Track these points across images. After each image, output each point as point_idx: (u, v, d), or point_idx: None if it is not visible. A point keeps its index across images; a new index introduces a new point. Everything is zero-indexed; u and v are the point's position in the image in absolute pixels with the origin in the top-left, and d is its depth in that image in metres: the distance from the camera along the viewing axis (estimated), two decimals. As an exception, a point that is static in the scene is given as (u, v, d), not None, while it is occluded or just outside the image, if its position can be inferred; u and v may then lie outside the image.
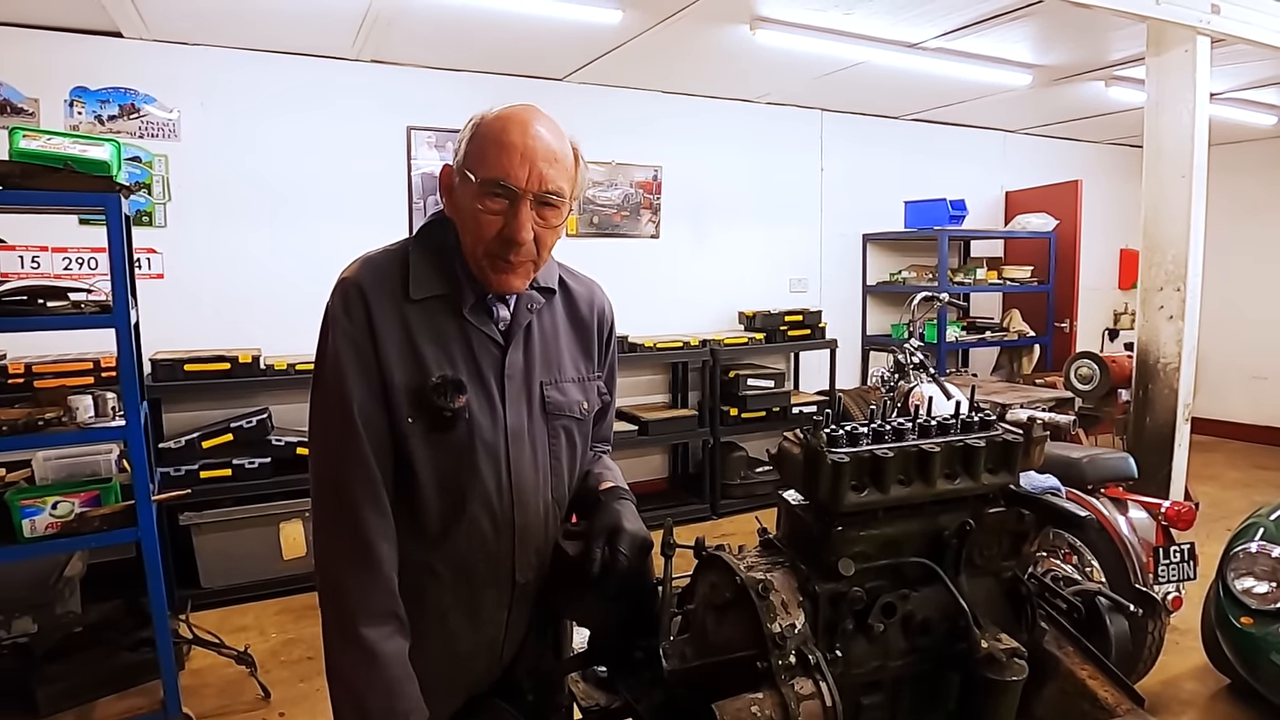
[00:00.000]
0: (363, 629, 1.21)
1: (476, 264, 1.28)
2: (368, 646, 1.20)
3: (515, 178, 1.21)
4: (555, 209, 1.27)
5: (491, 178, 1.22)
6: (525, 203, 1.23)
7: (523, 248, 1.25)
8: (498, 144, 1.22)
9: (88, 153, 2.63)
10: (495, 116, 1.25)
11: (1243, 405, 7.58)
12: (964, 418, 1.14)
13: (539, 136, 1.23)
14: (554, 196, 1.25)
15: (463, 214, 1.28)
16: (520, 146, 1.22)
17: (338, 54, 4.62)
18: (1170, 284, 3.85)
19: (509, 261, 1.26)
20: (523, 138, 1.22)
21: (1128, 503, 3.14)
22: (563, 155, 1.26)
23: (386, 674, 1.21)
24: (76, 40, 4.08)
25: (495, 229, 1.24)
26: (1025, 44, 4.66)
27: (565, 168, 1.27)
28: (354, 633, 1.21)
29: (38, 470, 2.97)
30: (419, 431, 1.26)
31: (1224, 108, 5.94)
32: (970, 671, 1.05)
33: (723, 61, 4.91)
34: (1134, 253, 5.12)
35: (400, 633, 1.24)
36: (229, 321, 4.47)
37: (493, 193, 1.23)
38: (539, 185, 1.23)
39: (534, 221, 1.25)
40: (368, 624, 1.21)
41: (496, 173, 1.22)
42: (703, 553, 1.16)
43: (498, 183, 1.22)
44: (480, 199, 1.23)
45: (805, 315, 5.81)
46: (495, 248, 1.25)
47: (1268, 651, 2.76)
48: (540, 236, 1.27)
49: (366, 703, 1.20)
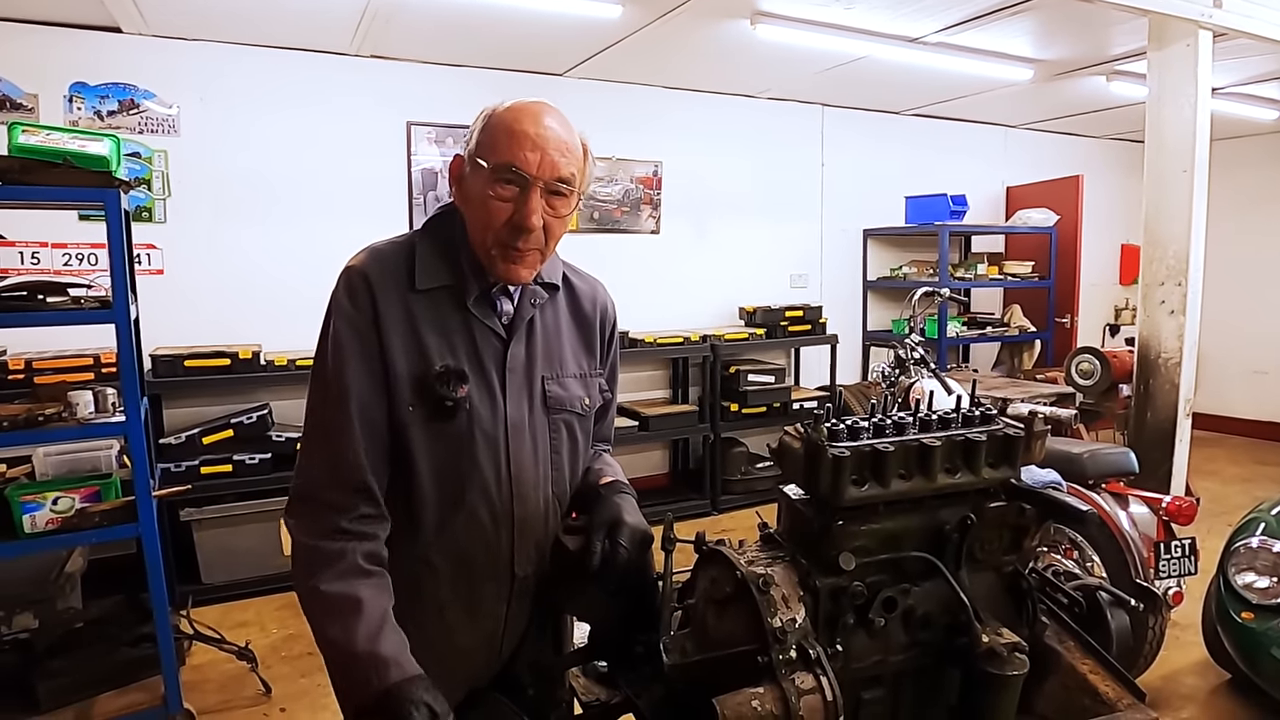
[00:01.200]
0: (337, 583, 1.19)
1: (485, 253, 1.29)
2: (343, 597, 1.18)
3: (527, 164, 1.23)
4: (565, 198, 1.28)
5: (504, 163, 1.23)
6: (536, 190, 1.24)
7: (532, 235, 1.25)
8: (510, 132, 1.24)
9: (87, 148, 2.63)
10: (508, 107, 1.27)
11: (1244, 400, 7.57)
12: (965, 412, 1.13)
13: (551, 127, 1.25)
14: (564, 185, 1.26)
15: (473, 202, 1.29)
16: (533, 135, 1.23)
17: (337, 49, 4.62)
18: (1171, 279, 3.84)
19: (518, 249, 1.26)
20: (535, 127, 1.24)
21: (1129, 498, 3.14)
22: (573, 146, 1.28)
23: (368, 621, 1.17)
24: (76, 35, 4.08)
25: (506, 216, 1.25)
26: (1026, 38, 4.65)
27: (575, 158, 1.28)
28: (326, 590, 1.19)
29: (38, 466, 2.98)
30: (419, 420, 1.26)
31: (1225, 103, 5.92)
32: (971, 666, 1.04)
33: (723, 56, 4.90)
34: (1135, 248, 5.11)
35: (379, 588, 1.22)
36: (229, 317, 4.47)
37: (504, 179, 1.24)
38: (550, 173, 1.24)
39: (544, 210, 1.26)
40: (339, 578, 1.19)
41: (508, 158, 1.23)
42: (703, 547, 1.15)
43: (510, 168, 1.23)
44: (491, 185, 1.25)
45: (806, 311, 5.81)
46: (505, 235, 1.26)
47: (1268, 646, 2.76)
48: (549, 226, 1.28)
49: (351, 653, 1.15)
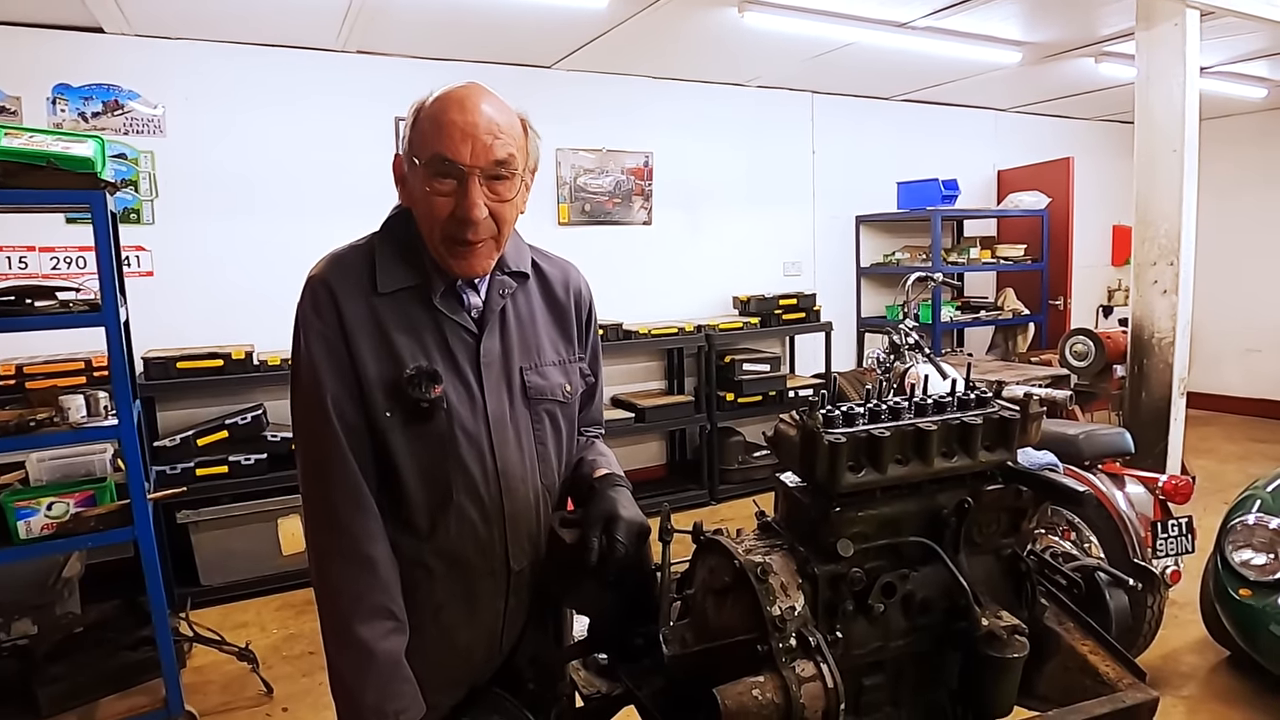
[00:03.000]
0: (356, 627, 1.21)
1: (437, 250, 1.26)
2: (361, 645, 1.20)
3: (459, 154, 1.20)
4: (506, 180, 1.24)
5: (435, 156, 1.20)
6: (474, 179, 1.21)
7: (478, 225, 1.22)
8: (436, 124, 1.21)
9: (70, 150, 2.60)
10: (435, 99, 1.24)
11: (1237, 378, 7.60)
12: (960, 396, 1.13)
13: (479, 111, 1.21)
14: (502, 168, 1.23)
15: (416, 201, 1.26)
16: (460, 123, 1.20)
17: (323, 45, 4.58)
18: (1163, 258, 3.85)
19: (467, 242, 1.24)
20: (461, 114, 1.21)
21: (1125, 478, 3.14)
22: (507, 126, 1.24)
23: (380, 673, 1.21)
24: (58, 37, 4.03)
25: (448, 210, 1.22)
26: (1014, 21, 4.64)
27: (512, 137, 1.24)
28: (347, 631, 1.21)
29: (32, 471, 2.96)
30: (397, 425, 1.25)
31: (1214, 81, 5.92)
32: (971, 650, 1.04)
33: (712, 45, 4.88)
34: (1126, 229, 5.12)
35: (397, 630, 1.24)
36: (221, 318, 4.44)
37: (439, 173, 1.21)
38: (485, 158, 1.21)
39: (486, 197, 1.22)
40: (361, 622, 1.21)
41: (439, 151, 1.20)
42: (701, 537, 1.15)
43: (442, 160, 1.20)
44: (429, 181, 1.22)
45: (800, 299, 5.80)
46: (451, 229, 1.23)
47: (1266, 623, 2.78)
48: (496, 212, 1.24)
49: (359, 701, 1.21)
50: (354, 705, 1.21)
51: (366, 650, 1.20)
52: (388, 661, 1.21)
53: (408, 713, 1.21)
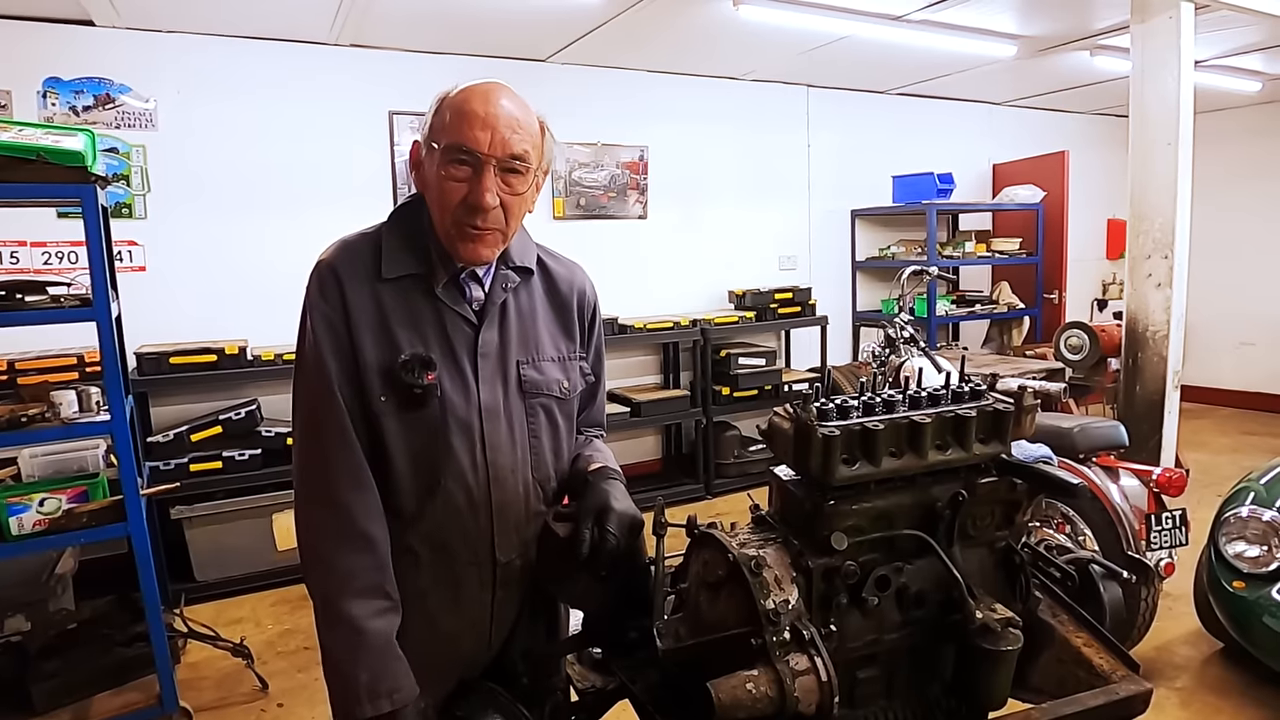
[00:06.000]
0: (349, 604, 1.21)
1: (446, 235, 1.29)
2: (353, 622, 1.21)
3: (478, 142, 1.22)
4: (520, 175, 1.27)
5: (455, 143, 1.23)
6: (489, 168, 1.23)
7: (489, 214, 1.25)
8: (460, 113, 1.24)
9: (61, 143, 2.58)
10: (460, 90, 1.27)
11: (1231, 371, 7.63)
12: (954, 389, 1.13)
13: (502, 105, 1.25)
14: (518, 162, 1.26)
15: (430, 186, 1.29)
16: (482, 114, 1.23)
17: (316, 38, 4.55)
18: (1158, 252, 3.85)
19: (476, 229, 1.26)
20: (484, 106, 1.24)
21: (1119, 471, 3.15)
22: (526, 123, 1.27)
23: (372, 651, 1.21)
24: (48, 30, 4.00)
25: (460, 195, 1.24)
26: (1009, 14, 4.63)
27: (529, 135, 1.28)
28: (338, 608, 1.22)
29: (24, 467, 2.94)
30: (391, 410, 1.27)
31: (1208, 75, 5.92)
32: (965, 642, 1.04)
33: (706, 38, 4.86)
34: (1121, 223, 5.11)
35: (390, 610, 1.25)
36: (214, 312, 4.43)
37: (456, 159, 1.23)
38: (502, 150, 1.23)
39: (500, 189, 1.25)
40: (354, 599, 1.22)
41: (459, 138, 1.23)
42: (695, 531, 1.15)
43: (460, 148, 1.23)
44: (445, 166, 1.24)
45: (795, 293, 5.80)
46: (461, 214, 1.25)
47: (1260, 614, 2.79)
48: (507, 204, 1.27)
49: (351, 679, 1.20)
50: (346, 685, 1.21)
51: (358, 628, 1.21)
52: (379, 640, 1.22)
53: (401, 692, 1.21)
